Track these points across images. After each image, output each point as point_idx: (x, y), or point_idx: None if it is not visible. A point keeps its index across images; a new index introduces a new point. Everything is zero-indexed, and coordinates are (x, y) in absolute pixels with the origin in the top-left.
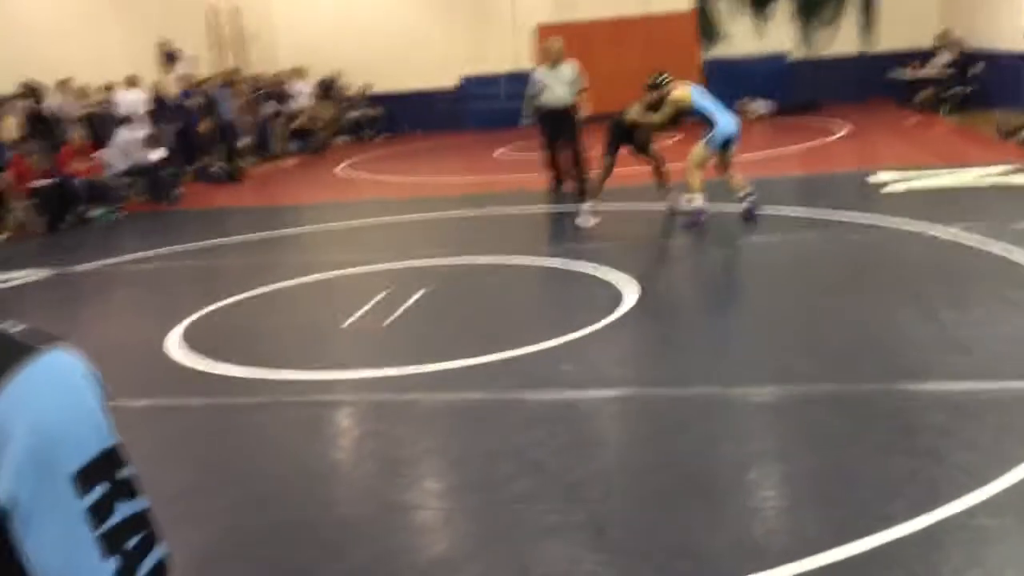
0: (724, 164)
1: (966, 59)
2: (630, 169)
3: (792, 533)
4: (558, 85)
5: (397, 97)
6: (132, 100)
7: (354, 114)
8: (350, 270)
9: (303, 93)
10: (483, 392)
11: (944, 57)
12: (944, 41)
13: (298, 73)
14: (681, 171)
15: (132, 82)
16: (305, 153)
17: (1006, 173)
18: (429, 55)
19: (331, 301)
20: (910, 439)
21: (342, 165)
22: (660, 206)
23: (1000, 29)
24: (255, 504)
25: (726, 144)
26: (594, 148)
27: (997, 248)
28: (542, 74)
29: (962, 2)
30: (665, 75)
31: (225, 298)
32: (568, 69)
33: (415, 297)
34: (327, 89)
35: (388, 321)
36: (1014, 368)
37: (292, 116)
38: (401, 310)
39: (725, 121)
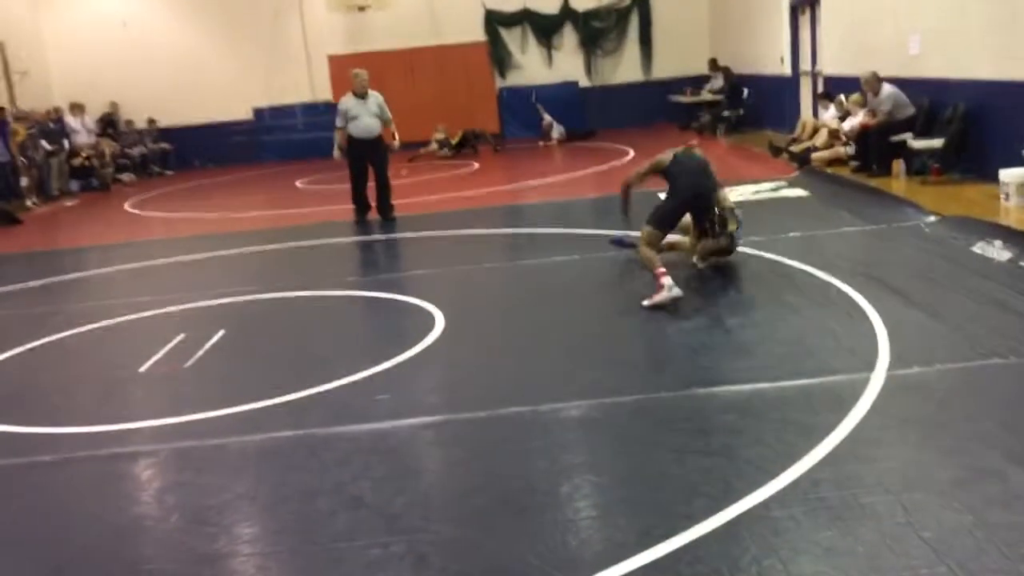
0: None
1: (736, 84)
2: (436, 196)
3: (603, 541)
4: (366, 115)
5: (188, 130)
6: None
7: (140, 150)
8: (145, 313)
9: (81, 130)
10: (294, 430)
11: (716, 83)
12: (715, 68)
13: (76, 108)
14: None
15: None
16: (88, 192)
17: (777, 188)
18: (220, 87)
19: (125, 347)
20: (705, 440)
21: (129, 203)
22: (466, 232)
23: (762, 56)
24: (52, 574)
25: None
26: (395, 176)
27: (773, 256)
28: (349, 104)
29: (728, 32)
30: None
31: (5, 351)
32: (375, 99)
33: (217, 337)
34: (107, 125)
35: (188, 364)
36: (792, 368)
37: (72, 153)
38: (202, 352)
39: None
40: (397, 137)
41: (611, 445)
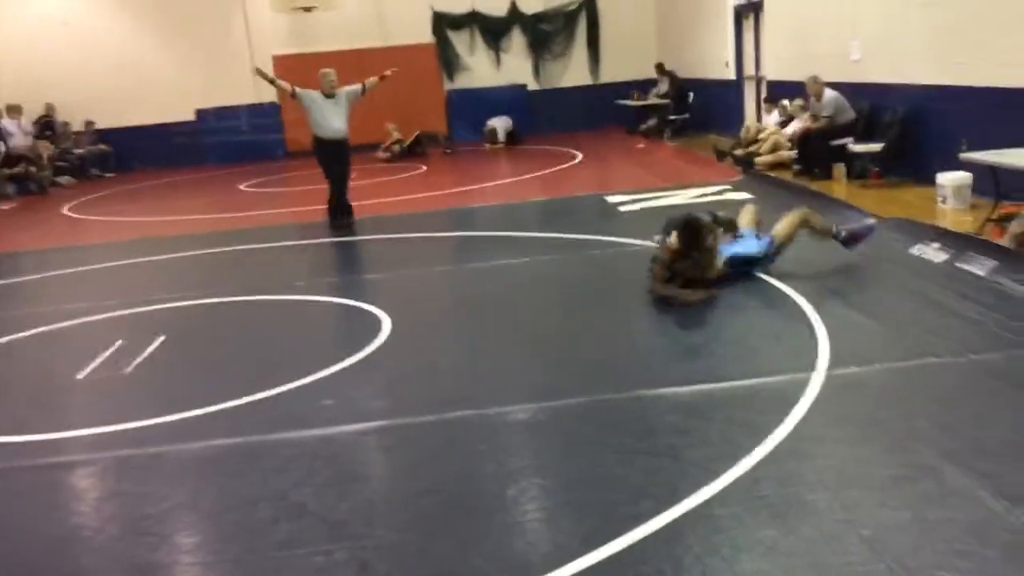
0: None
1: (682, 88)
2: (385, 199)
3: (550, 543)
4: (335, 117)
5: (128, 132)
6: None
7: (79, 152)
8: (83, 319)
9: (17, 132)
10: (236, 437)
11: (663, 87)
12: (661, 72)
13: (12, 110)
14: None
15: None
16: (25, 195)
17: (721, 192)
18: (162, 88)
19: (62, 354)
20: (651, 440)
21: (68, 207)
22: (413, 235)
23: (708, 61)
24: None
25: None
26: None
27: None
28: (318, 103)
29: (674, 36)
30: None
31: None
32: (344, 96)
33: (157, 343)
34: (45, 127)
35: (127, 371)
36: (736, 368)
37: (7, 156)
38: (141, 358)
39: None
40: (389, 72)
41: (558, 448)
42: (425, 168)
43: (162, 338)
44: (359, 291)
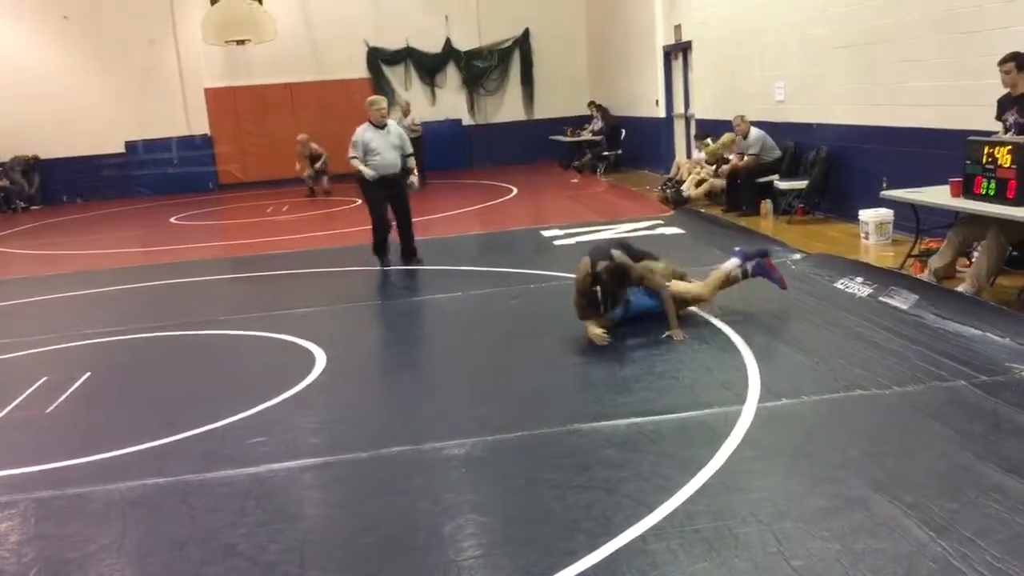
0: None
1: (614, 125)
2: (318, 233)
3: None
4: (388, 149)
5: (56, 163)
6: None
7: (2, 182)
8: (5, 355)
9: None
10: (164, 477)
11: (596, 124)
12: (594, 109)
13: None
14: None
15: None
16: None
17: (653, 226)
18: (90, 118)
19: None
20: (586, 475)
21: None
22: (347, 269)
23: (638, 99)
24: None
25: None
26: (266, 214)
27: None
28: (367, 136)
29: (606, 75)
30: None
31: None
32: (396, 130)
33: (82, 379)
34: None
35: (50, 409)
36: (668, 402)
37: None
38: (65, 395)
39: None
40: (416, 175)
41: (494, 483)
42: (360, 201)
43: (88, 374)
44: (292, 326)
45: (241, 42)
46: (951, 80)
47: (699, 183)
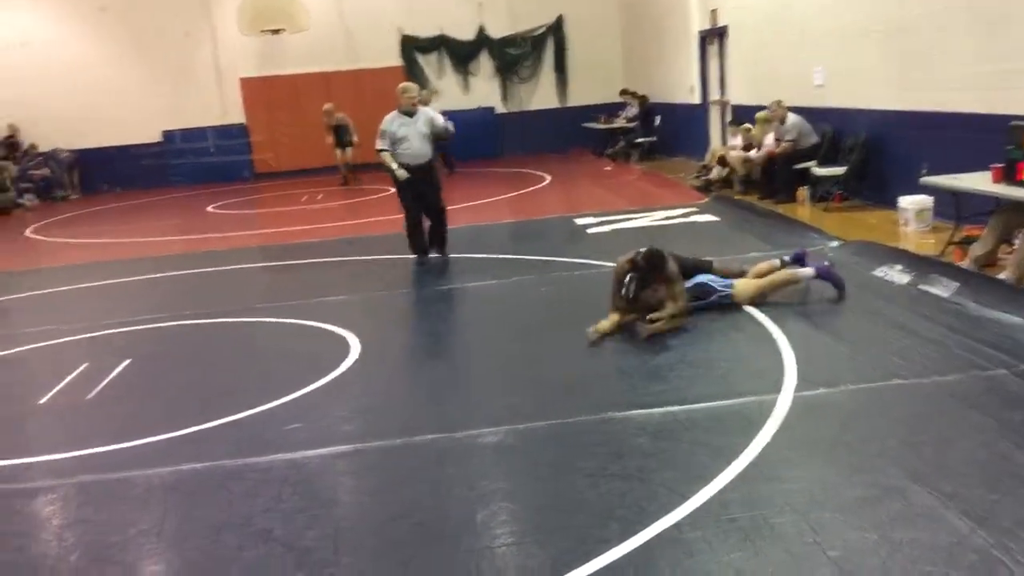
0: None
1: (648, 112)
2: (353, 221)
3: (519, 568)
4: (416, 138)
5: (94, 153)
6: None
7: (43, 172)
8: (46, 342)
9: None
10: (202, 462)
11: (631, 111)
12: (629, 95)
13: None
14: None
15: None
16: None
17: (688, 214)
18: (128, 109)
19: (25, 378)
20: (620, 463)
21: (32, 228)
22: (381, 257)
23: (673, 85)
24: None
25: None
26: (312, 201)
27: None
28: (395, 125)
29: (641, 61)
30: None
31: None
32: (424, 116)
33: (121, 366)
34: (9, 146)
35: (91, 395)
36: (703, 391)
37: None
38: (106, 382)
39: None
40: (451, 128)
41: (527, 471)
42: (394, 189)
43: (127, 361)
44: (327, 313)
45: (276, 32)
46: (991, 64)
47: (723, 163)
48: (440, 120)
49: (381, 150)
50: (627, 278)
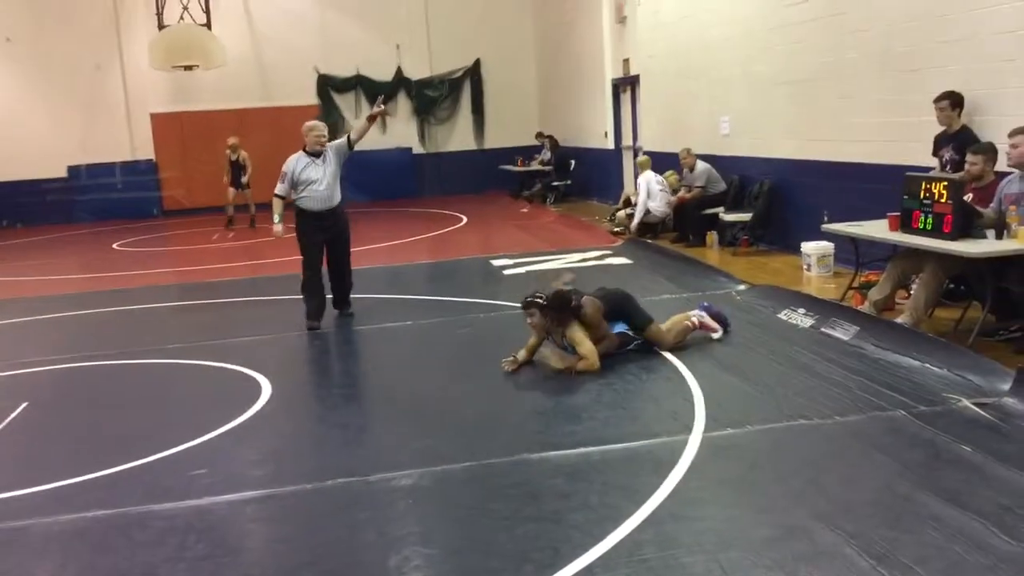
0: None
1: (564, 155)
2: (263, 261)
3: None
4: (325, 181)
5: None
6: None
7: None
8: None
9: None
10: (104, 509)
11: (546, 154)
12: (543, 139)
13: None
14: None
15: None
16: None
17: (602, 256)
18: (32, 142)
19: None
20: (534, 505)
21: None
22: (294, 297)
23: (588, 130)
24: None
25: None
26: (212, 240)
27: None
28: (299, 166)
29: (556, 106)
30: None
31: None
32: (334, 152)
33: (19, 409)
34: None
35: None
36: (616, 432)
37: None
38: (2, 425)
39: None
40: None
41: (441, 514)
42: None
43: (25, 404)
44: (237, 354)
45: (189, 67)
46: (889, 117)
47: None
48: (343, 140)
49: (276, 195)
50: (535, 305)
